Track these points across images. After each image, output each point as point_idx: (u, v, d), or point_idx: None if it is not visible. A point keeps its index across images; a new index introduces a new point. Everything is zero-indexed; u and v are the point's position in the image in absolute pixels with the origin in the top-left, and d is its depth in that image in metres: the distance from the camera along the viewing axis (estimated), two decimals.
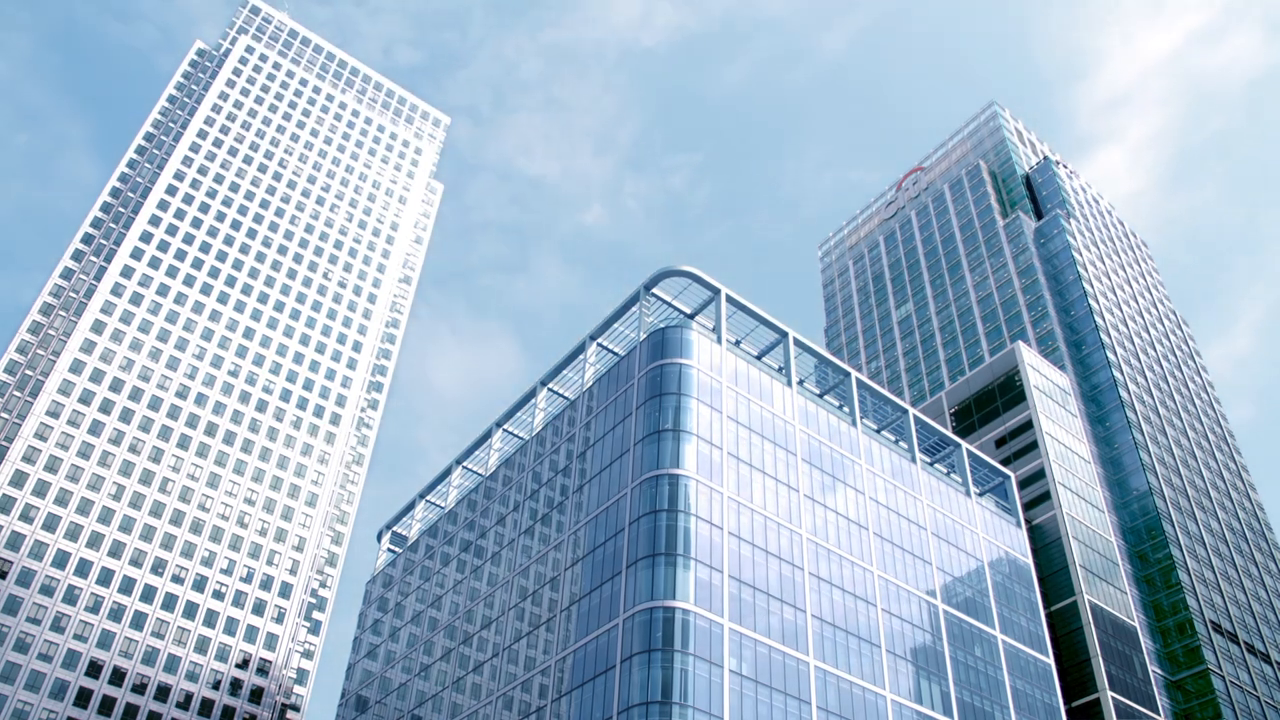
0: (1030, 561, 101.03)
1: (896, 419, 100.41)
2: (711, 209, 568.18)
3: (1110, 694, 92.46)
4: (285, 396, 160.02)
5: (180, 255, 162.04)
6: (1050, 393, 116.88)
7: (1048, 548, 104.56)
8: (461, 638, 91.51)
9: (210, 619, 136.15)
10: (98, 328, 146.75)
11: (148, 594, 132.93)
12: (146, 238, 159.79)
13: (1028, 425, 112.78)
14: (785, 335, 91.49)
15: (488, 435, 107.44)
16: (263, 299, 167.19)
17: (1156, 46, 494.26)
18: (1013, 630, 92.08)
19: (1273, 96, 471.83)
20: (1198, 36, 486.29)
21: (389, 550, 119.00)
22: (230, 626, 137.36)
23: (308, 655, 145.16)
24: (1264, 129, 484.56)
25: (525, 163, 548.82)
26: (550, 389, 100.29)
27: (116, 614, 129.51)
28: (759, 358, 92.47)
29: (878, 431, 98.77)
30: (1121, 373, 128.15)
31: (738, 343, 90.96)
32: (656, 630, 66.02)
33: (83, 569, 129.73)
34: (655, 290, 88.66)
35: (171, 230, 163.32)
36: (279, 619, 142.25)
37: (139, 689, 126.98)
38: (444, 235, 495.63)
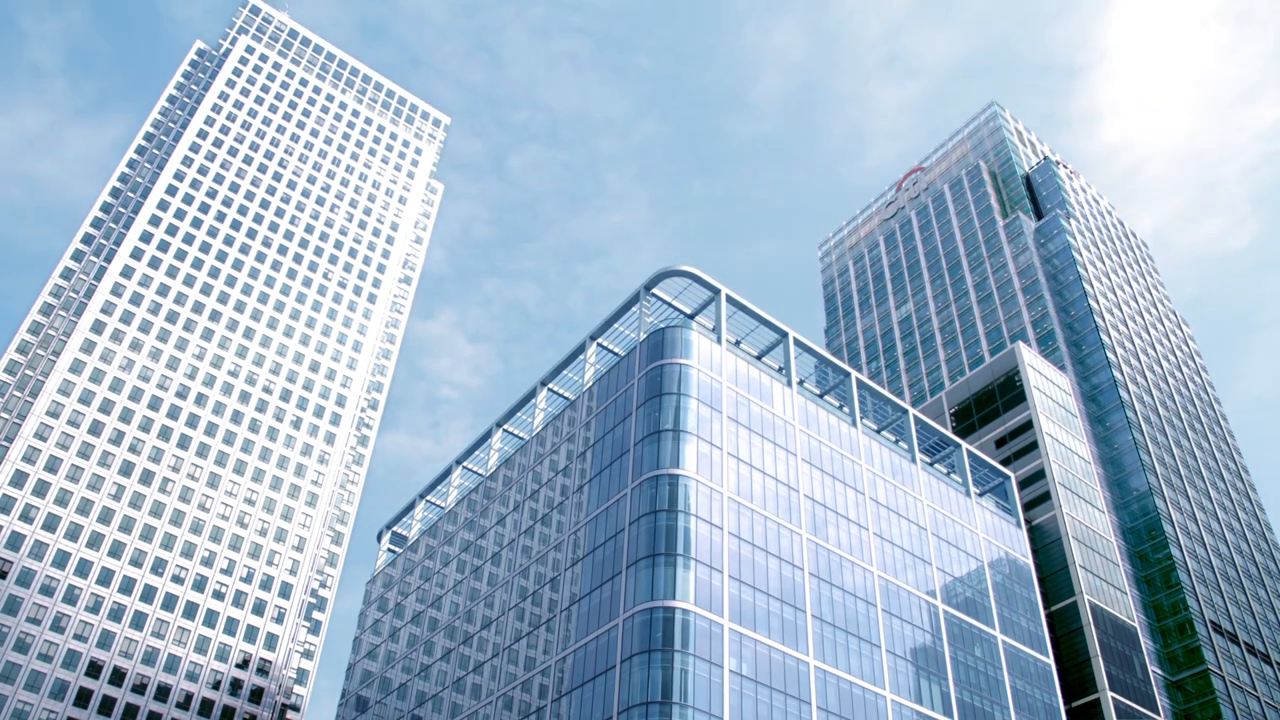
0: (1030, 562, 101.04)
1: (896, 419, 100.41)
2: (712, 208, 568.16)
3: (1110, 694, 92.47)
4: (285, 396, 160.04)
5: (180, 255, 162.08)
6: (1050, 393, 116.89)
7: (1048, 548, 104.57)
8: (461, 638, 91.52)
9: (210, 619, 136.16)
10: (98, 328, 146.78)
11: (148, 594, 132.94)
12: (146, 238, 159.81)
13: (1028, 425, 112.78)
14: (785, 335, 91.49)
15: (488, 435, 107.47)
16: (263, 299, 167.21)
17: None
18: (1013, 630, 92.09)
19: None
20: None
21: (389, 550, 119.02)
22: (230, 626, 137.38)
23: (308, 655, 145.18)
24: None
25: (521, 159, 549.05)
26: (550, 389, 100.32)
27: (116, 614, 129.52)
28: (759, 358, 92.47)
29: (878, 431, 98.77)
30: (1121, 373, 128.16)
31: (738, 343, 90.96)
32: (656, 630, 66.03)
33: (83, 569, 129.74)
34: (655, 290, 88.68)
35: (171, 230, 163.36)
36: (279, 619, 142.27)
37: (139, 689, 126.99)
38: (445, 234, 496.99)
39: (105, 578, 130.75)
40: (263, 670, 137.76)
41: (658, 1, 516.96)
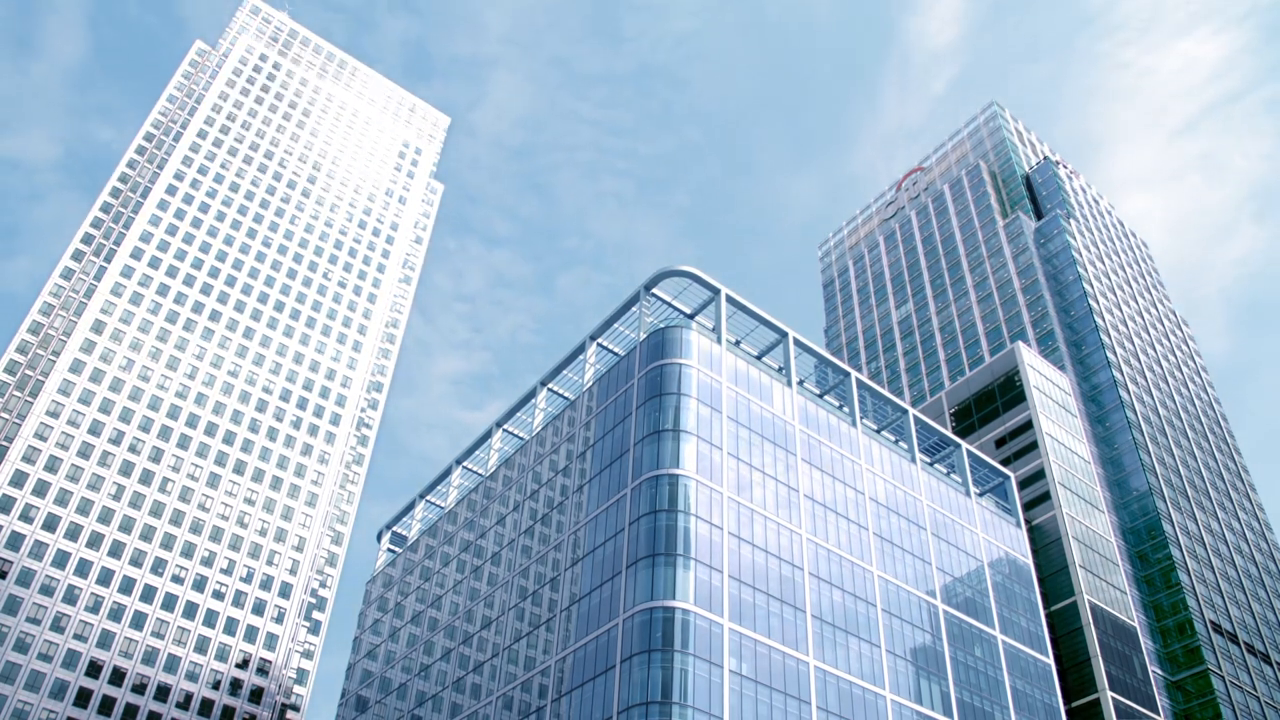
0: (1030, 562, 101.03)
1: (896, 419, 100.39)
2: (712, 208, 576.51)
3: (1110, 694, 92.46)
4: (285, 396, 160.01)
5: (180, 255, 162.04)
6: (1050, 393, 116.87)
7: (1048, 548, 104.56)
8: (461, 638, 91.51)
9: (210, 619, 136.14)
10: (98, 328, 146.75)
11: (148, 594, 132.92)
12: (146, 238, 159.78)
13: (1028, 425, 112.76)
14: (785, 335, 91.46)
15: (488, 435, 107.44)
16: (263, 299, 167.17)
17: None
18: (1013, 630, 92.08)
19: None
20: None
21: (389, 550, 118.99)
22: (230, 626, 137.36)
23: (308, 655, 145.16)
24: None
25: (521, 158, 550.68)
26: (550, 389, 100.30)
27: (116, 614, 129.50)
28: (759, 358, 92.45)
29: (878, 431, 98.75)
30: (1121, 373, 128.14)
31: (738, 343, 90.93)
32: (656, 630, 66.01)
33: (83, 569, 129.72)
34: (655, 290, 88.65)
35: (171, 230, 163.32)
36: (279, 619, 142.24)
37: (139, 689, 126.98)
38: (493, 340, 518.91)
39: (105, 578, 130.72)
40: (263, 670, 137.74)
41: (693, 151, 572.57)
